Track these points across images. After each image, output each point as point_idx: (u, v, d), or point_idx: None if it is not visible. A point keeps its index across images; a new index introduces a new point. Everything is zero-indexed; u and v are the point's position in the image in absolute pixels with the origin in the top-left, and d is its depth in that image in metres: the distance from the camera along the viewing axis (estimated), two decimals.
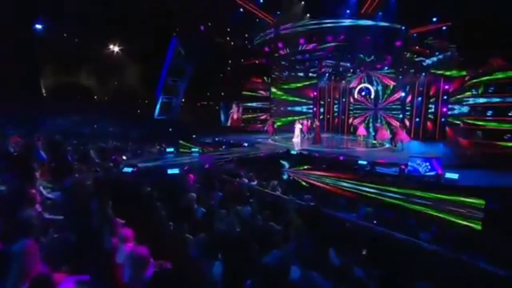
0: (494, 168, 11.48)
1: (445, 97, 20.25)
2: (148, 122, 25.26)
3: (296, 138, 19.58)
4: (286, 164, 13.45)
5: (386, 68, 21.40)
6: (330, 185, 11.10)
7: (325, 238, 5.19)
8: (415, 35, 15.41)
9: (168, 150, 14.16)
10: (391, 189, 10.26)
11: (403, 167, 11.42)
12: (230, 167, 11.69)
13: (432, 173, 10.91)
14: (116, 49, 27.52)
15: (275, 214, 6.52)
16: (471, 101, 15.62)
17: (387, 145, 17.96)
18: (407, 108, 22.27)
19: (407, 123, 20.50)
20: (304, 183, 11.63)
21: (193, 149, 14.40)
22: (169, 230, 4.80)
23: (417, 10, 14.00)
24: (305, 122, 21.17)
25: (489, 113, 14.35)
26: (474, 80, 14.96)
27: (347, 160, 13.18)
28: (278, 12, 17.16)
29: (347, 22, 14.98)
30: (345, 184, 11.11)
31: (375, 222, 7.02)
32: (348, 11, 15.06)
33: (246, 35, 19.44)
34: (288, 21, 16.67)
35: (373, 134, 20.26)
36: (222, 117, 28.27)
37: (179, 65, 25.72)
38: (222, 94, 27.44)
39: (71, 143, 13.36)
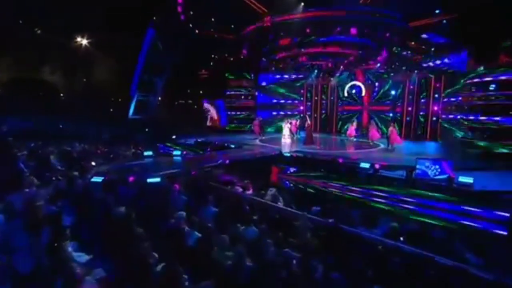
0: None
1: (436, 95, 19.93)
2: (121, 122, 23.38)
3: (286, 139, 18.39)
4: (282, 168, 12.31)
5: (378, 65, 20.68)
6: (335, 192, 10.05)
7: (361, 272, 4.06)
8: (412, 28, 14.67)
9: (146, 153, 12.60)
10: (405, 195, 9.38)
11: (410, 170, 10.55)
12: (219, 173, 10.39)
13: (443, 176, 10.12)
14: (84, 41, 25.41)
15: (286, 234, 5.35)
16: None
17: (382, 146, 17.26)
18: (398, 106, 21.88)
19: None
20: (306, 190, 10.53)
21: (175, 152, 12.93)
22: (157, 272, 3.47)
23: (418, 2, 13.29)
24: (293, 121, 20.07)
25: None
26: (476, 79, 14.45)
27: (347, 163, 12.24)
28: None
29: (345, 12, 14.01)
30: (352, 190, 10.13)
31: (402, 239, 6.02)
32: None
33: (232, 26, 18.08)
34: (281, 11, 15.51)
35: (361, 134, 19.59)
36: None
37: (157, 60, 24.01)
38: (202, 92, 25.93)
39: (28, 147, 11.50)
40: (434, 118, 20.09)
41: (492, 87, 13.75)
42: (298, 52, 17.54)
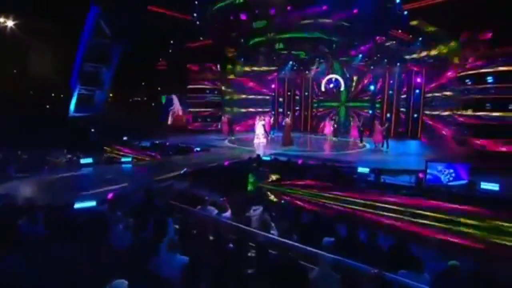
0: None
1: (417, 91, 19.21)
2: (60, 120, 19.84)
3: (260, 139, 16.45)
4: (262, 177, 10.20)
5: (360, 56, 19.43)
6: (339, 207, 8.15)
7: None
8: (406, 13, 13.29)
9: (83, 161, 9.82)
10: (419, 208, 7.69)
11: (420, 175, 8.98)
12: (183, 186, 8.04)
13: (459, 182, 8.65)
14: (10, 23, 21.30)
15: None
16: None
17: (368, 146, 15.87)
18: (377, 102, 20.99)
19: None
20: (298, 205, 8.50)
21: (124, 159, 10.27)
22: None
23: None
24: (267, 118, 18.12)
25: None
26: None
27: (340, 168, 10.45)
28: None
29: None
30: (353, 203, 8.28)
31: None
32: None
33: (196, 2, 15.50)
34: None
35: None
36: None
37: (103, 46, 20.74)
38: (160, 86, 23.00)
39: None
40: (416, 115, 19.34)
41: (489, 79, 12.72)
42: (274, 38, 15.50)
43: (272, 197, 9.16)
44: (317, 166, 10.76)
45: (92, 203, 5.44)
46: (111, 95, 24.18)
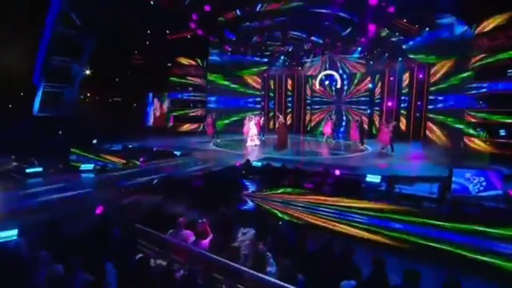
0: None
1: (420, 88, 18.00)
2: (21, 121, 17.89)
3: (252, 141, 15.04)
4: (249, 187, 8.74)
5: (359, 49, 18.25)
6: (356, 228, 6.74)
7: None
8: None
9: (30, 170, 8.13)
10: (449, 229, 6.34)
11: (444, 185, 7.66)
12: (153, 202, 6.48)
13: (491, 192, 7.35)
14: None
15: None
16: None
17: (371, 149, 14.58)
18: (377, 101, 19.77)
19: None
20: (299, 225, 7.06)
21: (84, 166, 8.60)
22: None
23: None
24: (256, 118, 16.67)
25: None
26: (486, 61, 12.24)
27: (345, 176, 9.07)
28: None
29: None
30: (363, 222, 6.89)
31: None
32: None
33: None
34: None
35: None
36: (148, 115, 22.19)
37: (73, 38, 18.94)
38: (137, 84, 21.17)
39: None
40: (418, 114, 18.17)
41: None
42: (267, 27, 13.98)
43: (266, 214, 7.66)
44: (317, 174, 9.34)
45: (11, 234, 3.82)
46: (88, 94, 22.27)
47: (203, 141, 16.56)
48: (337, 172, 9.08)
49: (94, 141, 15.10)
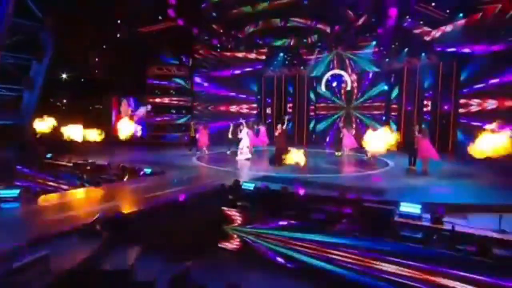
0: None
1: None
2: None
3: (243, 154, 13.35)
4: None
5: (373, 43, 16.92)
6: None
7: None
8: None
9: None
10: None
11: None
12: (88, 250, 4.52)
13: None
14: None
15: None
16: None
17: (392, 164, 12.70)
18: (393, 106, 18.46)
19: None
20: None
21: (4, 193, 6.58)
22: None
23: None
24: (251, 127, 14.92)
25: None
26: None
27: (369, 204, 7.15)
28: None
29: None
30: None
31: None
32: None
33: None
34: None
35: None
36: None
37: (31, 31, 17.27)
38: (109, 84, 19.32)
39: None
40: (445, 121, 16.71)
41: None
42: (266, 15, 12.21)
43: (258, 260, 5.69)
44: (330, 200, 7.43)
45: None
46: (64, 101, 20.49)
47: (186, 155, 14.89)
48: (357, 197, 7.15)
49: (48, 155, 13.14)
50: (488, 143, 8.10)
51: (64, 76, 19.29)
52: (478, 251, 5.14)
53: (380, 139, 10.60)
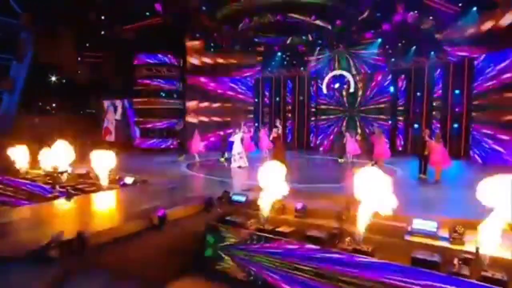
0: None
1: (457, 91, 15.99)
2: None
3: (237, 161, 12.75)
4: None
5: (379, 41, 16.56)
6: None
7: None
8: None
9: None
10: None
11: None
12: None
13: None
14: None
15: None
16: None
17: (401, 172, 12.01)
18: (399, 108, 18.00)
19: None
20: None
21: None
22: None
23: None
24: (244, 131, 14.32)
25: None
26: None
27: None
28: None
29: None
30: None
31: None
32: None
33: None
34: None
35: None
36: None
37: (11, 28, 16.86)
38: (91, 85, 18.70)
39: None
40: (456, 125, 16.23)
41: None
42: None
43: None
44: (330, 213, 6.71)
45: None
46: (54, 105, 19.89)
47: (174, 161, 14.31)
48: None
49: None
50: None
51: (53, 78, 18.80)
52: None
53: None
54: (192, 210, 7.33)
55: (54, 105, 18.28)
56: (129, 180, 9.67)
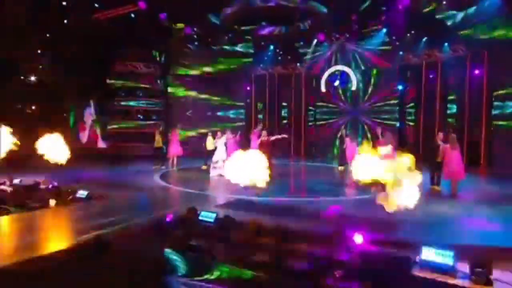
0: None
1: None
2: None
3: (217, 168, 12.19)
4: None
5: (384, 31, 15.89)
6: None
7: None
8: None
9: None
10: None
11: None
12: None
13: None
14: None
15: None
16: None
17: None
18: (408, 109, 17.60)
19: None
20: None
21: None
22: None
23: None
24: (230, 136, 13.55)
25: None
26: None
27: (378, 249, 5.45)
28: None
29: None
30: None
31: None
32: None
33: None
34: None
35: None
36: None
37: None
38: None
39: None
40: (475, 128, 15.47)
41: None
42: None
43: None
44: (321, 239, 5.88)
45: None
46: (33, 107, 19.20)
47: (148, 170, 13.45)
48: (361, 238, 5.42)
49: None
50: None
51: (32, 78, 18.10)
52: None
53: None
54: (146, 232, 6.43)
55: (20, 106, 17.50)
56: (82, 194, 8.79)
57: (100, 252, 5.60)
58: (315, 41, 17.57)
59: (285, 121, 20.32)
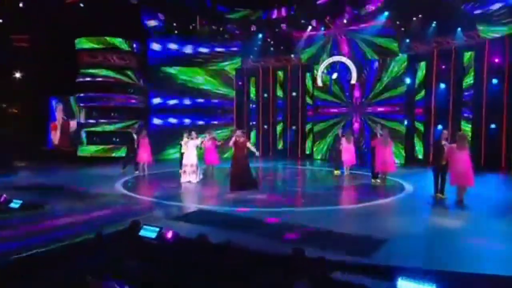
0: None
1: (495, 81, 14.74)
2: None
3: (187, 174, 11.55)
4: None
5: (385, 14, 15.25)
6: None
7: None
8: None
9: None
10: None
11: None
12: None
13: None
14: None
15: None
16: None
17: (410, 187, 10.39)
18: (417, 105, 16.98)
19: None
20: None
21: None
22: None
23: None
24: (206, 139, 12.83)
25: None
26: None
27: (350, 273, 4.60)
28: None
29: None
30: None
31: None
32: None
33: None
34: None
35: None
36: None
37: None
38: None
39: None
40: (494, 125, 14.83)
41: None
42: None
43: None
44: (281, 262, 4.97)
45: None
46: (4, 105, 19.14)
47: (115, 176, 12.82)
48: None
49: None
50: None
51: (17, 75, 17.80)
52: None
53: None
54: (73, 250, 5.65)
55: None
56: (15, 204, 8.12)
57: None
58: (309, 28, 17.05)
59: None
